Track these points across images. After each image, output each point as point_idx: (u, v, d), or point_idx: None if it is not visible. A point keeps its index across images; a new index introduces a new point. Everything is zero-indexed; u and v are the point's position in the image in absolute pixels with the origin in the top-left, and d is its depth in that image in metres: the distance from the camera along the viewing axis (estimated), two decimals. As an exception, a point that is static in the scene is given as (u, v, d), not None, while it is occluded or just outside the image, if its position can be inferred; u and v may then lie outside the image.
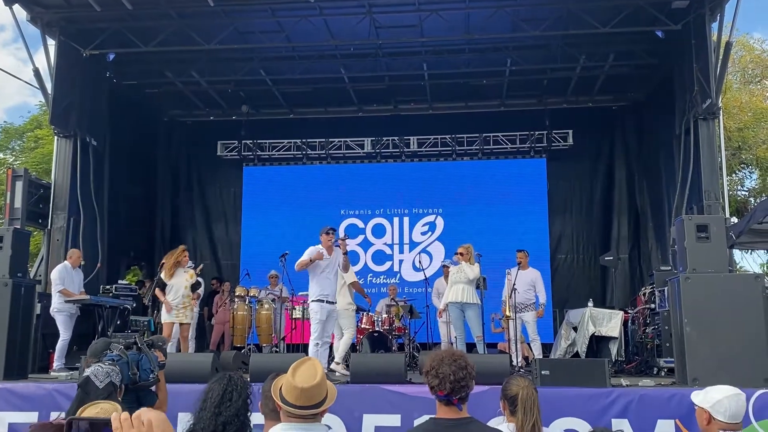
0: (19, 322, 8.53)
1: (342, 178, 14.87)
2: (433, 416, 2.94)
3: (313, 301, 8.54)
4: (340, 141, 14.94)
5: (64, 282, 9.47)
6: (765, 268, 22.44)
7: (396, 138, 14.79)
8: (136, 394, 4.06)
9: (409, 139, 14.75)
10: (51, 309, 9.40)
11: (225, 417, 3.10)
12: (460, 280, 9.25)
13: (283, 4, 11.04)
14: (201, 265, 10.86)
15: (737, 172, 21.07)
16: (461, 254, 9.41)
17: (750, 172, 21.62)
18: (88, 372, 3.69)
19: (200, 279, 10.03)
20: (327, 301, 8.43)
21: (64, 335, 9.27)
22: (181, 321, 8.97)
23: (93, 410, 2.92)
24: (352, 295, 9.45)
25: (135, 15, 11.16)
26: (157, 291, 9.04)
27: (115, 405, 2.99)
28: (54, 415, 6.43)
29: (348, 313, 9.24)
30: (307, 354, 8.34)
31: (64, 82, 11.33)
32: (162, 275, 9.09)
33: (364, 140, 14.88)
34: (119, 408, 2.95)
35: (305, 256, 8.40)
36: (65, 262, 9.82)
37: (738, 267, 17.95)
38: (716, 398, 3.37)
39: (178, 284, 9.00)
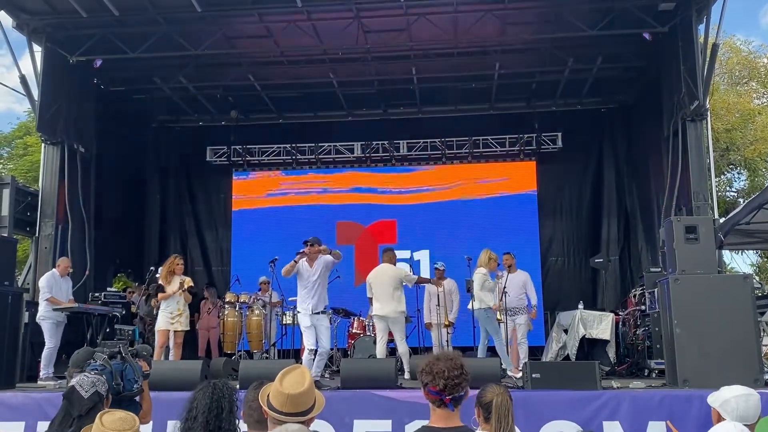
0: (6, 331, 8.46)
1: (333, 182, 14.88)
2: (425, 424, 2.91)
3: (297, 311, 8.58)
4: (330, 146, 14.91)
5: (51, 290, 9.41)
6: (755, 269, 22.56)
7: (386, 142, 14.78)
8: (119, 405, 4.02)
9: (399, 143, 14.76)
10: (37, 317, 9.35)
11: (214, 426, 3.05)
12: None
13: (270, 8, 11.00)
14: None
15: (725, 173, 21.18)
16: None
17: (738, 173, 21.76)
18: (73, 382, 3.65)
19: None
20: (305, 313, 8.33)
21: (50, 343, 9.20)
22: (175, 329, 9.00)
23: (111, 417, 2.93)
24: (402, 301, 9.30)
25: (122, 21, 11.13)
26: (160, 296, 9.05)
27: (131, 414, 3.01)
28: (41, 426, 6.38)
29: (398, 320, 9.16)
30: (297, 360, 8.31)
31: (50, 89, 11.25)
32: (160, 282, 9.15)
33: (353, 144, 14.87)
34: (136, 418, 2.94)
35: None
36: (53, 270, 9.78)
37: (729, 268, 18.03)
38: (724, 397, 3.33)
39: (173, 292, 9.04)
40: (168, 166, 15.62)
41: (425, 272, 13.33)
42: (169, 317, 8.97)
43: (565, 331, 10.65)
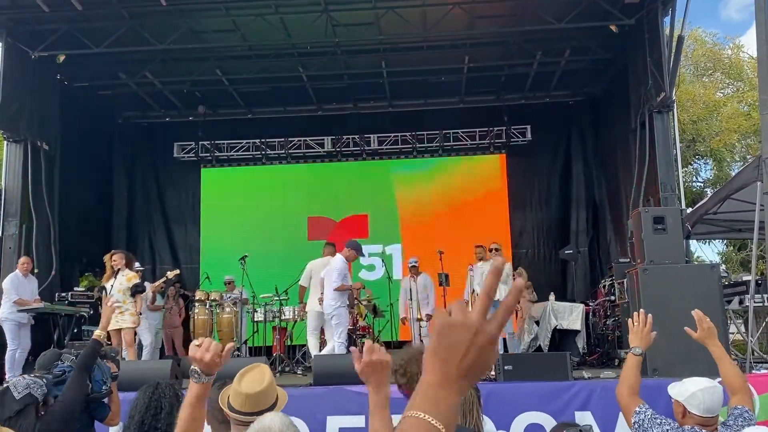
0: (-31, 333, 8.27)
1: (303, 177, 14.78)
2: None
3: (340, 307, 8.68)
4: (300, 140, 14.81)
5: (17, 291, 9.23)
6: (722, 258, 22.93)
7: (356, 136, 14.71)
8: (88, 406, 3.94)
9: (370, 137, 14.69)
10: None
11: (149, 426, 3.01)
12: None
13: (237, 2, 10.87)
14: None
15: (692, 163, 21.48)
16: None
17: (705, 164, 22.09)
18: (8, 383, 3.58)
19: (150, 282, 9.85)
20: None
21: (12, 345, 9.01)
22: (119, 326, 8.58)
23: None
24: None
25: (85, 16, 10.90)
26: (105, 299, 8.85)
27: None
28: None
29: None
30: (269, 358, 8.26)
31: (12, 85, 10.99)
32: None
33: (324, 139, 14.77)
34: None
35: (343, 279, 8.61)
36: (16, 270, 9.58)
37: (696, 257, 18.29)
38: (690, 391, 3.30)
39: (114, 289, 8.71)
40: (135, 162, 15.36)
41: (397, 267, 13.39)
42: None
43: (537, 323, 10.72)
